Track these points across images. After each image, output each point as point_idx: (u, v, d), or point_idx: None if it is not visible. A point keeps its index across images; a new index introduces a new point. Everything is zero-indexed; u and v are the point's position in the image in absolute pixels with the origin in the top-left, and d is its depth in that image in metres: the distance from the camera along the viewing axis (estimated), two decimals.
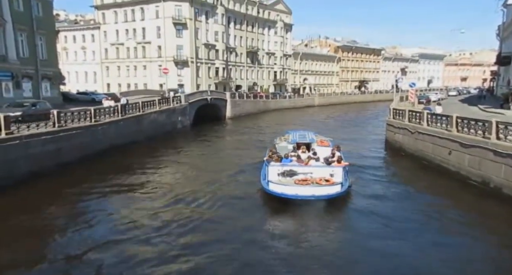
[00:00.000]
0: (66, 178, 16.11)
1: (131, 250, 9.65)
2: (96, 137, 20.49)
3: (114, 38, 60.16)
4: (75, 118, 19.40)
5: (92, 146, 19.83)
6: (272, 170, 13.44)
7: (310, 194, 12.25)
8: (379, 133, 28.85)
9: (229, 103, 46.67)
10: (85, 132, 19.57)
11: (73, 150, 18.18)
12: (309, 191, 12.34)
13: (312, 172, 13.25)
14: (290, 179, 13.07)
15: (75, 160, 18.01)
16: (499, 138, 13.11)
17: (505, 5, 38.93)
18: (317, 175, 13.09)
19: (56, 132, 17.27)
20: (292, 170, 13.34)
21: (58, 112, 17.95)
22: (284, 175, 13.24)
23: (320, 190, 12.37)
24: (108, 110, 22.76)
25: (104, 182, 15.94)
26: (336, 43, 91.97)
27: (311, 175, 13.11)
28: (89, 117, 20.41)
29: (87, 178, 16.34)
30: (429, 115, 18.78)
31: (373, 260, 9.13)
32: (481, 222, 11.79)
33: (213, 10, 58.32)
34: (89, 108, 21.13)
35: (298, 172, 13.26)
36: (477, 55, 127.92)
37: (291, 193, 12.30)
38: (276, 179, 13.08)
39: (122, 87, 58.47)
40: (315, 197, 12.22)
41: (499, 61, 41.98)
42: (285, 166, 13.58)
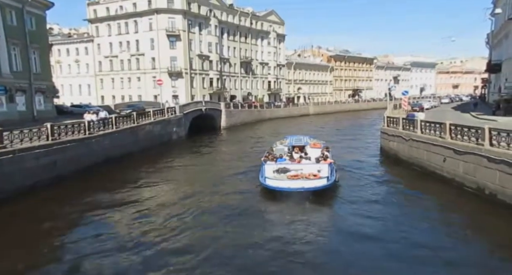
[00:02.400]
0: (61, 191, 15.99)
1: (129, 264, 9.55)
2: (91, 149, 20.38)
3: (108, 51, 60.34)
4: (69, 130, 19.30)
5: (87, 159, 19.71)
6: (268, 168, 15.57)
7: (300, 187, 14.21)
8: (374, 141, 29.00)
9: (224, 113, 46.76)
10: (79, 145, 19.46)
11: (68, 163, 18.06)
12: (299, 184, 14.34)
13: (302, 168, 15.36)
14: (283, 175, 15.14)
15: (71, 173, 17.89)
16: (492, 145, 13.22)
17: (493, 14, 39.71)
18: (307, 171, 15.15)
19: (50, 145, 17.14)
20: (285, 167, 15.47)
21: (52, 125, 17.84)
22: (278, 172, 15.30)
23: (309, 183, 14.36)
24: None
25: (100, 195, 15.82)
26: (329, 53, 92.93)
27: (302, 171, 15.16)
28: (83, 130, 20.34)
29: (82, 191, 16.21)
30: (423, 123, 18.93)
31: (346, 240, 10.95)
32: (468, 223, 12.04)
33: (206, 21, 58.83)
34: (83, 121, 21.07)
35: (291, 169, 15.38)
36: (468, 63, 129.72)
37: (284, 186, 14.44)
38: (271, 176, 15.18)
39: (116, 99, 58.42)
40: (304, 189, 14.12)
41: (489, 68, 42.62)
42: (279, 164, 15.77)
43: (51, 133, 17.57)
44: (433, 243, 10.50)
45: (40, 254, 10.43)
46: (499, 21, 38.60)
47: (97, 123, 22.18)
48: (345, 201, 14.61)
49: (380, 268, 9.32)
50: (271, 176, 15.13)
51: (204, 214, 13.49)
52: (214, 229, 12.01)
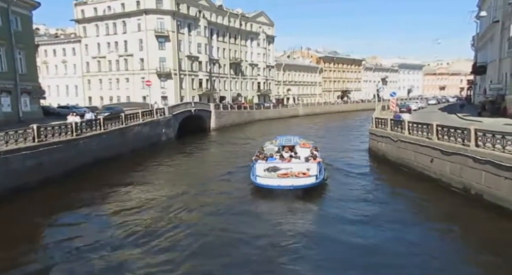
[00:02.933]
0: (47, 194, 15.74)
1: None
2: (78, 151, 20.12)
3: (96, 51, 59.67)
4: (56, 132, 19.01)
5: (75, 161, 19.45)
6: (259, 167, 16.05)
7: (290, 184, 14.79)
8: (363, 142, 29.25)
9: (213, 114, 46.65)
10: (67, 147, 19.18)
11: (55, 165, 17.80)
12: (289, 182, 14.93)
13: (292, 167, 15.90)
14: (274, 173, 15.65)
15: (58, 175, 17.63)
16: (478, 145, 13.44)
17: (478, 17, 40.52)
18: (296, 169, 15.70)
19: (36, 147, 16.86)
20: (275, 166, 15.97)
21: (38, 126, 17.56)
22: (269, 171, 15.79)
23: (298, 181, 14.93)
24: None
25: (87, 197, 15.60)
26: (318, 54, 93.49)
27: (291, 169, 15.72)
28: (70, 131, 20.06)
29: (69, 193, 15.99)
30: (411, 124, 19.17)
31: (333, 235, 11.38)
32: (453, 221, 12.20)
33: (196, 22, 58.64)
34: (70, 122, 20.78)
35: (281, 167, 15.89)
36: (454, 64, 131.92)
37: (275, 184, 15.02)
38: (262, 174, 15.71)
39: (104, 100, 57.83)
40: (294, 187, 14.67)
41: (475, 70, 43.45)
42: (269, 163, 16.26)
43: (38, 134, 17.29)
44: (416, 240, 10.92)
45: (20, 255, 10.18)
46: (484, 24, 39.38)
47: (85, 125, 21.89)
48: (333, 198, 15.19)
49: (364, 261, 9.68)
50: (262, 175, 15.68)
51: (194, 212, 13.74)
52: (204, 226, 12.27)
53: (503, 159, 11.83)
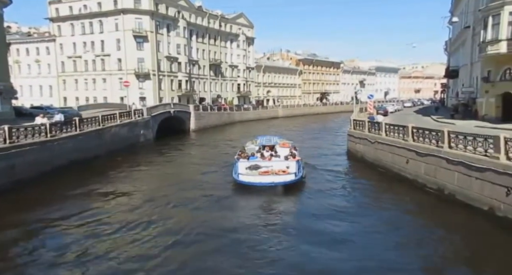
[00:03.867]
0: (18, 197, 15.21)
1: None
2: (53, 153, 19.55)
3: (71, 51, 58.20)
4: (29, 133, 18.42)
5: (49, 162, 18.91)
6: (241, 165, 16.92)
7: (271, 181, 15.79)
8: (341, 143, 29.69)
9: (193, 115, 46.32)
10: (40, 148, 18.62)
11: (28, 167, 17.23)
12: (269, 179, 15.92)
13: (272, 165, 16.83)
14: (255, 171, 16.52)
15: (31, 177, 17.10)
16: (451, 147, 13.89)
17: (450, 23, 41.92)
18: (276, 167, 16.67)
19: (7, 149, 16.31)
20: (257, 164, 16.85)
21: (10, 127, 16.97)
22: (250, 169, 16.64)
23: (278, 178, 15.96)
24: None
25: (61, 200, 15.17)
26: (297, 56, 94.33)
27: (272, 167, 16.67)
28: (44, 132, 19.48)
29: (41, 196, 15.56)
30: (387, 126, 19.61)
31: (309, 228, 12.13)
32: (426, 221, 12.63)
33: (175, 23, 58.11)
34: (44, 123, 20.17)
35: (262, 166, 16.79)
36: (428, 68, 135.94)
37: (256, 181, 15.98)
38: (244, 172, 16.58)
39: (80, 100, 56.44)
40: (274, 183, 15.73)
41: (448, 74, 44.92)
42: (251, 162, 17.08)
43: (9, 135, 16.72)
44: (386, 236, 11.48)
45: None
46: (456, 29, 40.78)
47: (55, 126, 21.08)
48: (310, 194, 16.13)
49: (333, 249, 10.47)
50: (244, 173, 16.57)
51: (175, 209, 14.20)
52: (186, 222, 12.68)
53: (474, 160, 12.26)
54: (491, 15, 23.03)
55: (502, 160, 11.13)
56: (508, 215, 10.87)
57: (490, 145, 11.82)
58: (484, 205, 11.86)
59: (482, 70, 26.78)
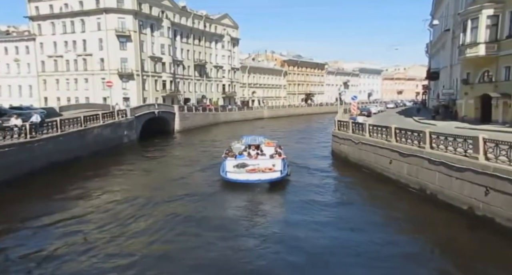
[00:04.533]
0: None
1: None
2: (33, 154, 19.10)
3: (52, 50, 56.98)
4: (7, 134, 17.95)
5: (28, 164, 18.48)
6: (229, 163, 17.66)
7: (257, 179, 16.56)
8: (326, 144, 29.93)
9: (177, 116, 45.95)
10: (19, 150, 18.17)
11: (5, 169, 16.77)
12: (256, 177, 16.68)
13: (259, 163, 17.61)
14: (243, 169, 17.22)
15: (9, 179, 16.62)
16: (433, 147, 14.17)
17: (431, 25, 42.88)
18: (263, 165, 17.42)
19: None
20: (244, 162, 17.56)
21: None
22: (238, 167, 17.32)
23: (265, 176, 16.74)
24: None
25: (40, 203, 14.81)
26: (282, 57, 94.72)
27: (258, 165, 17.40)
28: (24, 133, 18.99)
29: (18, 198, 15.17)
30: (371, 127, 19.88)
31: (293, 221, 12.89)
32: (406, 218, 12.93)
33: (159, 23, 57.56)
34: (24, 124, 19.67)
35: (249, 164, 17.50)
36: (410, 70, 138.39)
37: (244, 179, 16.69)
38: (232, 170, 17.29)
39: (61, 101, 55.34)
40: (261, 181, 16.48)
41: (429, 76, 45.88)
42: (238, 160, 17.82)
43: None
44: (370, 233, 11.74)
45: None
46: (437, 32, 41.71)
47: (34, 127, 20.41)
48: (295, 191, 16.79)
49: (316, 244, 10.90)
50: (232, 170, 17.28)
51: (162, 206, 14.51)
52: (175, 218, 13.11)
53: (454, 160, 12.54)
54: (470, 19, 23.63)
55: (481, 160, 11.41)
56: (486, 214, 11.15)
57: (470, 146, 12.10)
58: (463, 204, 12.13)
59: (462, 72, 27.44)
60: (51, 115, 30.29)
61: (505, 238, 10.25)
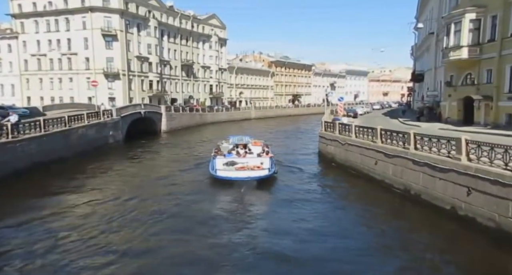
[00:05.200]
0: None
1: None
2: (14, 154, 18.67)
3: (35, 49, 55.89)
4: None
5: (10, 165, 18.05)
6: (219, 161, 18.26)
7: (247, 176, 17.22)
8: (313, 145, 30.10)
9: (164, 116, 45.58)
10: (0, 150, 17.70)
11: None
12: (245, 174, 17.34)
13: (248, 161, 18.31)
14: (232, 167, 17.89)
15: None
16: (417, 148, 14.40)
17: (416, 28, 43.59)
18: (251, 163, 18.17)
19: None
20: (233, 161, 18.24)
21: None
22: (228, 165, 17.99)
23: (253, 173, 17.48)
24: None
25: (21, 204, 14.40)
26: (270, 58, 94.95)
27: (247, 163, 18.11)
28: (5, 133, 18.56)
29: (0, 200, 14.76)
30: (357, 128, 20.07)
31: (277, 213, 13.98)
32: (390, 219, 13.11)
33: (145, 22, 57.04)
34: (5, 123, 19.22)
35: (238, 162, 18.20)
36: (396, 72, 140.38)
37: (234, 176, 17.37)
38: (222, 168, 17.93)
39: (45, 100, 54.28)
40: (250, 178, 17.16)
41: (414, 78, 46.66)
42: (228, 158, 18.50)
43: None
44: (350, 230, 12.20)
45: None
46: (422, 35, 42.42)
47: (22, 126, 20.16)
48: (282, 188, 17.55)
49: (300, 237, 11.44)
50: (222, 168, 17.93)
51: (147, 205, 14.70)
52: (166, 213, 13.64)
53: (438, 161, 12.76)
54: (453, 22, 24.11)
55: (464, 161, 11.65)
56: (468, 214, 11.38)
57: (453, 147, 12.33)
58: (446, 204, 12.36)
59: (445, 75, 27.97)
60: (34, 115, 29.76)
61: (486, 237, 10.46)
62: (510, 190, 9.85)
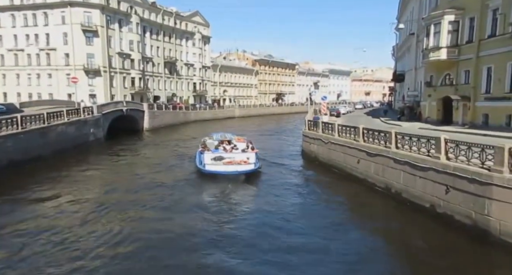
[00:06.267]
0: None
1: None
2: None
3: (12, 44, 54.27)
4: None
5: None
6: (207, 156, 19.07)
7: (234, 170, 18.23)
8: (296, 144, 30.24)
9: (147, 114, 44.97)
10: None
11: None
12: (233, 168, 18.32)
13: (234, 157, 19.24)
14: (220, 162, 18.81)
15: None
16: (398, 147, 14.64)
17: (397, 29, 44.32)
18: (238, 158, 19.10)
19: None
20: (221, 156, 19.11)
21: None
22: (215, 160, 18.86)
23: (240, 168, 18.50)
24: None
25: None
26: (254, 57, 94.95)
27: (234, 158, 19.03)
28: None
29: None
30: (340, 127, 20.25)
31: (263, 208, 14.41)
32: (369, 215, 13.50)
33: (127, 18, 56.12)
34: None
35: (225, 157, 19.10)
36: (377, 72, 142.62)
37: (222, 170, 18.28)
38: (210, 162, 18.80)
39: (22, 97, 52.81)
40: (238, 172, 18.24)
41: (395, 78, 47.43)
42: (215, 154, 19.29)
43: None
44: (330, 228, 12.35)
45: None
46: (403, 35, 43.16)
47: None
48: (266, 183, 18.39)
49: (279, 226, 12.27)
50: (210, 163, 18.78)
51: (126, 206, 14.52)
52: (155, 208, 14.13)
53: (418, 160, 13.01)
54: (433, 24, 24.63)
55: (442, 159, 11.91)
56: (447, 212, 11.65)
57: (432, 146, 12.59)
58: (426, 202, 12.62)
59: (425, 75, 28.56)
60: (11, 111, 28.88)
61: (464, 234, 10.75)
62: (486, 188, 10.13)
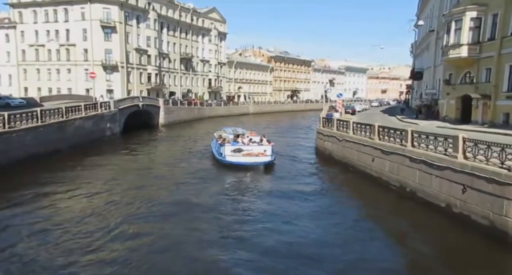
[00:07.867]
0: None
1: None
2: (10, 145, 18.59)
3: (33, 39, 55.49)
4: None
5: (5, 155, 17.96)
6: (227, 148, 20.47)
7: (254, 161, 20.01)
8: (310, 141, 30.07)
9: (162, 110, 45.45)
10: None
11: None
12: (253, 159, 20.07)
13: (253, 149, 20.71)
14: (239, 153, 20.30)
15: None
16: (414, 146, 14.40)
17: (416, 26, 43.47)
18: (256, 151, 20.63)
19: None
20: (240, 148, 20.54)
21: None
22: (235, 151, 20.32)
23: (259, 159, 20.20)
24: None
25: (14, 198, 14.23)
26: (269, 53, 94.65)
27: (252, 150, 20.53)
28: (1, 123, 18.47)
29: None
30: (355, 124, 20.04)
31: (281, 192, 16.01)
32: (383, 214, 13.27)
33: (145, 14, 56.69)
34: (2, 113, 19.12)
35: (244, 149, 20.54)
36: (394, 69, 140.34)
37: (243, 161, 19.98)
38: (230, 154, 20.27)
39: (42, 91, 54.10)
40: (257, 163, 20.05)
41: (413, 76, 46.59)
42: (235, 146, 20.69)
43: None
44: (343, 224, 12.42)
45: None
46: (422, 32, 42.31)
47: (19, 116, 20.11)
48: (282, 175, 19.33)
49: (293, 215, 12.85)
50: (230, 154, 20.19)
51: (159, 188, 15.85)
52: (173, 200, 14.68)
53: (435, 159, 12.77)
54: (454, 20, 24.04)
55: (460, 159, 11.65)
56: (463, 212, 11.41)
57: (450, 145, 12.33)
58: (441, 202, 12.38)
59: (444, 73, 27.94)
60: (31, 105, 29.65)
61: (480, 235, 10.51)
62: (505, 188, 9.87)
